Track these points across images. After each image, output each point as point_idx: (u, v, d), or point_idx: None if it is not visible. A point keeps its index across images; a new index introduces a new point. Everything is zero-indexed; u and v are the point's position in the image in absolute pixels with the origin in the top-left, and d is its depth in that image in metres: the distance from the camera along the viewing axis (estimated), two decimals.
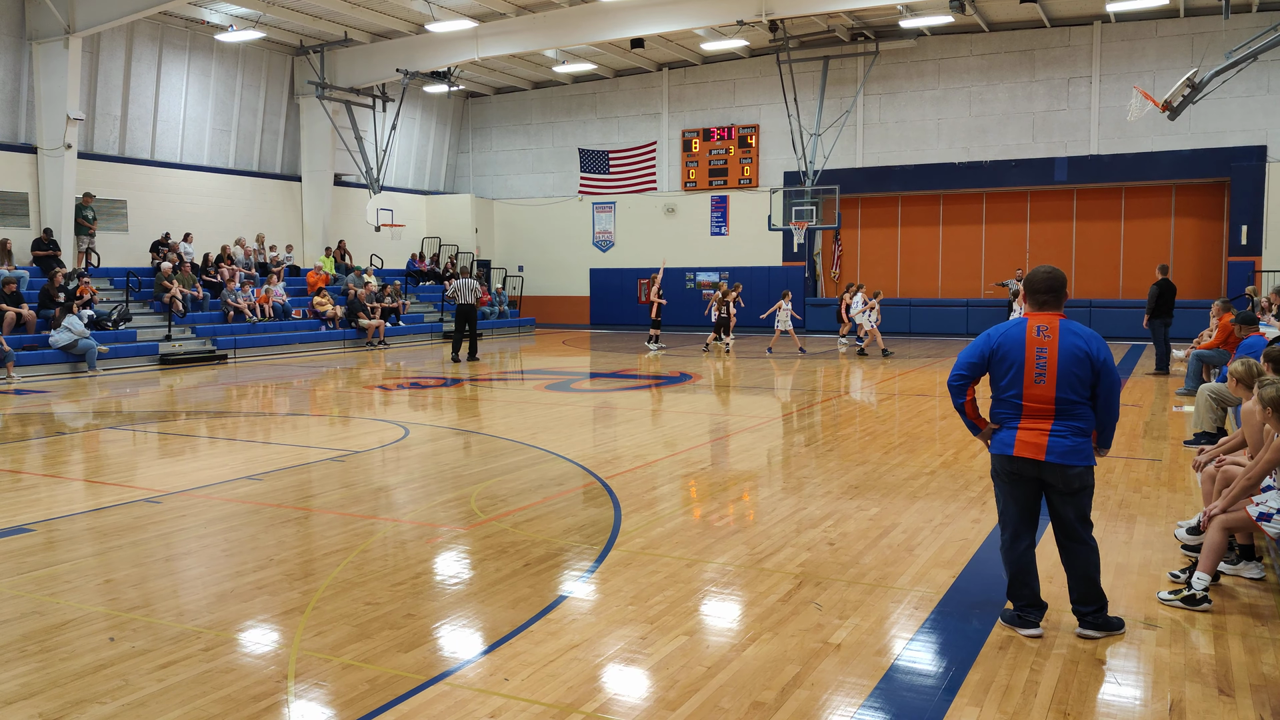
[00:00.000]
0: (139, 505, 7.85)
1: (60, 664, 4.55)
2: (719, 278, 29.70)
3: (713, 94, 29.93)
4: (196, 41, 24.77)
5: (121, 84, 23.41)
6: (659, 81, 30.59)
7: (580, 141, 31.96)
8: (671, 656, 4.65)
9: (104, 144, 23.23)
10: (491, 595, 5.53)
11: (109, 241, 22.96)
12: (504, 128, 33.53)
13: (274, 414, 13.61)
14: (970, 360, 4.99)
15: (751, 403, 14.39)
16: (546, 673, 4.45)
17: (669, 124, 30.58)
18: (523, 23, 24.54)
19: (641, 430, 11.52)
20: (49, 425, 12.66)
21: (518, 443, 10.55)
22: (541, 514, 7.46)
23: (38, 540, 6.80)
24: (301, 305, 24.81)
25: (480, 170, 34.14)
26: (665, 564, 6.09)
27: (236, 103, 26.27)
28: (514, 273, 33.13)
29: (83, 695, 4.21)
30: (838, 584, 5.70)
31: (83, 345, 18.37)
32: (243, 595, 5.58)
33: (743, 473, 9.21)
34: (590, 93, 31.72)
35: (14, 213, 21.27)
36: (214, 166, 25.92)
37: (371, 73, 26.87)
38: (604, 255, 31.85)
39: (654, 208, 30.91)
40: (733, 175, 29.69)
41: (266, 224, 27.00)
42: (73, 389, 16.27)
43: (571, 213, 32.24)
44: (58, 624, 5.10)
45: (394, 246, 29.62)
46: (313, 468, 9.42)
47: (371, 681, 4.36)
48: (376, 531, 7.00)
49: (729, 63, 29.46)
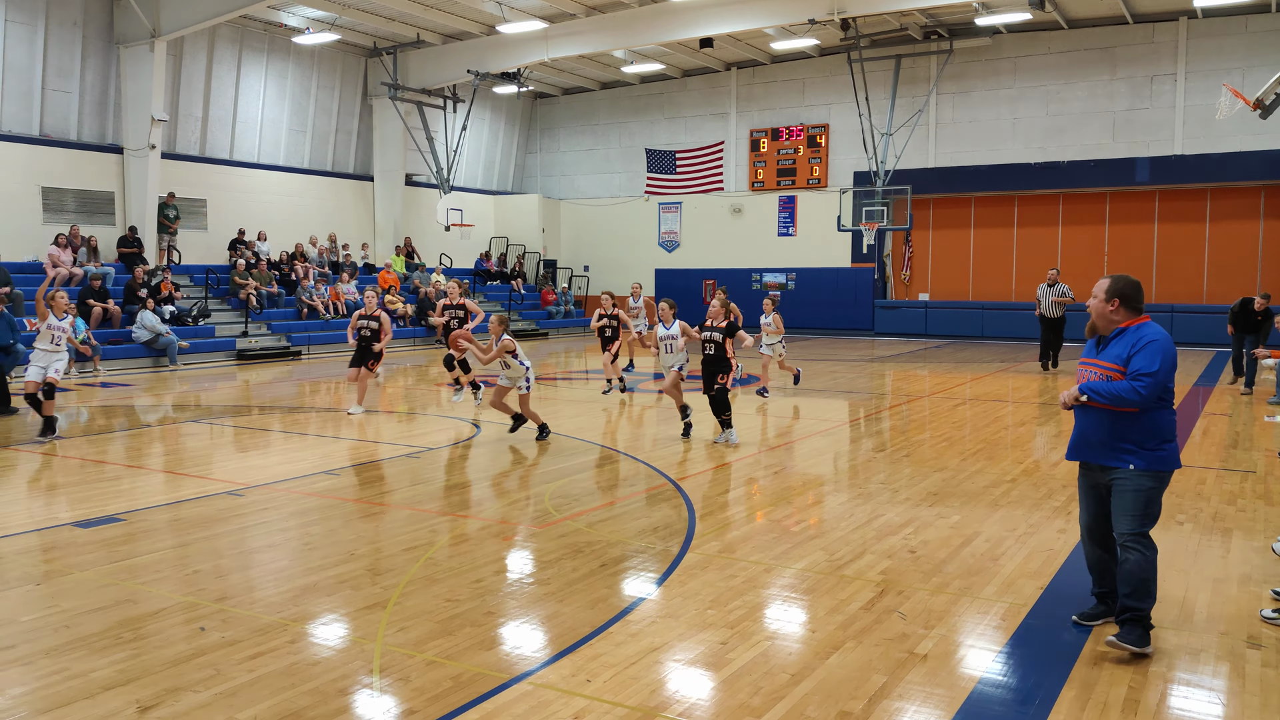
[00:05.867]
0: (221, 498, 8.02)
1: (154, 652, 4.65)
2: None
3: (782, 93, 29.69)
4: (274, 44, 25.32)
5: (203, 86, 24.02)
6: (727, 81, 30.45)
7: (647, 141, 31.96)
8: (754, 662, 4.58)
9: (186, 144, 23.85)
10: (569, 595, 5.52)
11: (189, 239, 23.57)
12: (571, 128, 33.68)
13: (347, 409, 13.81)
14: (1172, 371, 4.76)
15: (821, 406, 14.22)
16: (628, 675, 4.42)
17: (737, 123, 30.42)
18: (592, 23, 24.62)
19: (711, 432, 11.43)
20: (133, 418, 13.02)
21: (588, 442, 10.55)
22: (615, 514, 7.44)
23: (127, 530, 6.97)
24: None
25: (547, 170, 34.35)
26: (743, 568, 6.02)
27: (312, 104, 26.79)
28: (579, 273, 33.25)
29: (177, 683, 4.29)
30: (921, 593, 5.57)
31: (164, 340, 18.88)
32: (325, 589, 5.65)
33: (815, 477, 9.09)
34: (658, 93, 31.70)
35: (101, 211, 21.95)
36: (289, 166, 26.47)
37: (443, 74, 27.19)
38: (669, 255, 31.81)
39: (720, 208, 30.77)
40: (801, 175, 29.42)
41: (339, 223, 27.48)
42: (154, 383, 16.72)
43: (637, 213, 32.25)
44: (150, 612, 5.21)
45: (462, 246, 29.94)
46: (387, 464, 9.52)
47: (455, 679, 4.37)
48: (452, 528, 7.05)
49: (798, 62, 29.20)
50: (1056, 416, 12.60)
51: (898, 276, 28.90)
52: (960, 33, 25.90)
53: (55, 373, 10.59)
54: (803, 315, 29.10)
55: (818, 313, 29.02)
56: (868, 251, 27.79)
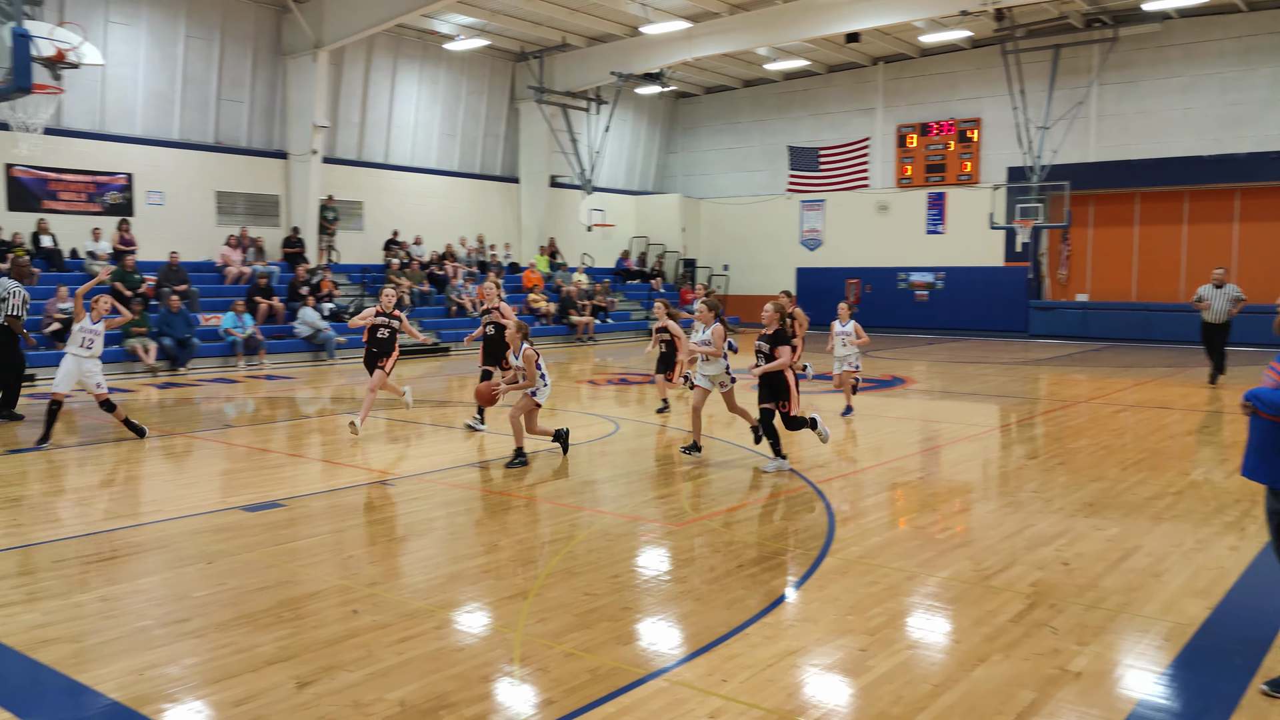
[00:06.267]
0: (374, 487, 8.38)
1: (311, 631, 4.90)
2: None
3: (931, 87, 28.83)
4: (427, 52, 26.28)
5: (360, 93, 25.17)
6: (873, 76, 29.80)
7: (790, 139, 31.60)
8: (894, 671, 4.46)
9: (344, 149, 25.05)
10: (706, 594, 5.51)
11: (347, 240, 24.73)
12: (713, 127, 33.65)
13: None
14: None
15: (970, 410, 13.74)
16: (765, 677, 4.38)
17: (883, 119, 29.72)
18: (736, 21, 24.53)
19: (851, 435, 11.22)
20: (294, 409, 13.76)
21: (726, 442, 10.51)
22: (753, 515, 7.39)
23: (288, 515, 7.37)
24: (517, 302, 25.84)
25: (688, 170, 34.42)
26: (884, 575, 5.88)
27: (462, 108, 27.68)
28: (719, 272, 33.19)
29: (332, 662, 4.50)
30: (1075, 607, 5.31)
31: (322, 336, 19.89)
32: (470, 578, 5.82)
33: (961, 484, 8.78)
34: (801, 89, 31.30)
35: (267, 213, 23.31)
36: (440, 169, 27.43)
37: (587, 76, 27.63)
38: (811, 254, 31.38)
39: (865, 205, 30.13)
40: (951, 171, 28.51)
41: (486, 224, 28.31)
42: (314, 376, 17.63)
43: (779, 211, 31.94)
44: (308, 594, 5.49)
45: (604, 246, 30.35)
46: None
47: (592, 671, 4.42)
48: (591, 523, 7.15)
49: (949, 55, 28.29)
50: (1235, 423, 11.79)
51: (1054, 276, 27.61)
52: (1126, 19, 24.52)
53: (99, 387, 10.15)
54: (952, 316, 28.22)
55: (968, 313, 28.08)
56: (1022, 250, 26.68)
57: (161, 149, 21.34)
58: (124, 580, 5.77)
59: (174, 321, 17.65)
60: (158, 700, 4.13)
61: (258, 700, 4.11)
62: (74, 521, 7.12)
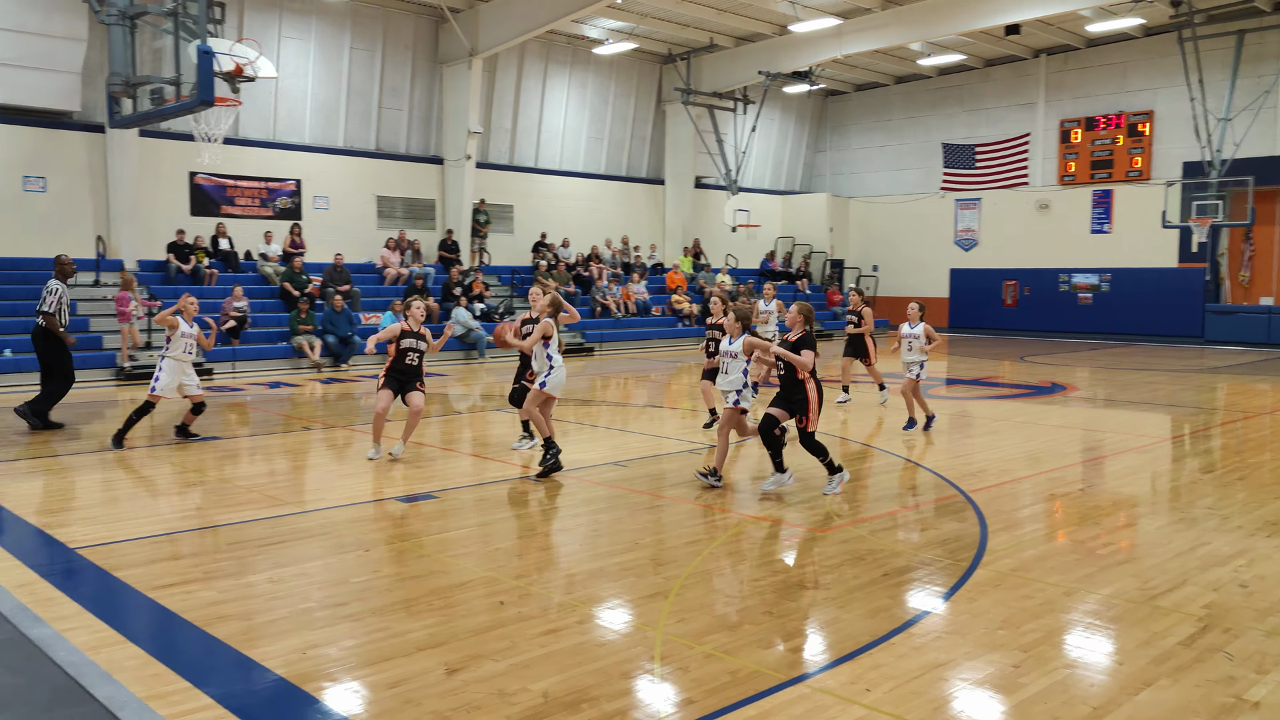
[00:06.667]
0: (520, 482, 8.58)
1: (460, 620, 5.05)
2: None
3: (1098, 79, 27.38)
4: (576, 56, 26.77)
5: (513, 99, 25.86)
6: (1035, 69, 28.53)
7: (944, 136, 30.63)
8: (1050, 690, 4.25)
9: (497, 154, 25.79)
10: (849, 601, 5.39)
11: (498, 242, 25.47)
12: (863, 124, 32.97)
13: (634, 404, 14.34)
14: None
15: (1138, 420, 12.97)
16: (910, 689, 4.25)
17: (1045, 114, 28.42)
18: (888, 16, 23.95)
19: (1007, 443, 10.77)
20: (446, 405, 14.25)
21: (872, 447, 10.27)
22: (900, 523, 7.19)
23: (440, 507, 7.63)
24: (661, 302, 26.02)
25: (837, 168, 33.84)
26: (1039, 589, 5.61)
27: (609, 112, 28.07)
28: (868, 272, 32.49)
29: (478, 651, 4.63)
30: (1253, 633, 4.93)
31: (474, 335, 20.53)
32: (611, 575, 5.88)
33: (1127, 497, 8.30)
34: (957, 85, 30.30)
35: (424, 217, 24.26)
36: (587, 172, 27.89)
37: (734, 76, 27.54)
38: (966, 255, 30.31)
39: (1024, 204, 28.88)
40: (1119, 167, 26.99)
41: (631, 225, 28.61)
42: (465, 374, 18.22)
43: (931, 210, 31.00)
44: (457, 583, 5.68)
45: (748, 246, 30.18)
46: (670, 458, 9.77)
47: (732, 674, 4.39)
48: (732, 525, 7.11)
49: (1118, 44, 26.80)
50: None
51: (1234, 278, 25.75)
52: None
53: (196, 388, 10.22)
54: (1118, 320, 26.75)
55: (1135, 317, 26.54)
56: (1198, 250, 24.96)
57: (327, 156, 22.52)
58: (289, 564, 6.10)
59: (337, 320, 18.59)
60: (318, 679, 4.34)
61: (409, 684, 4.27)
62: (245, 507, 7.59)
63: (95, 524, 7.05)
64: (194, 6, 11.39)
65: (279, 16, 21.29)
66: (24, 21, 17.51)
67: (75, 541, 6.51)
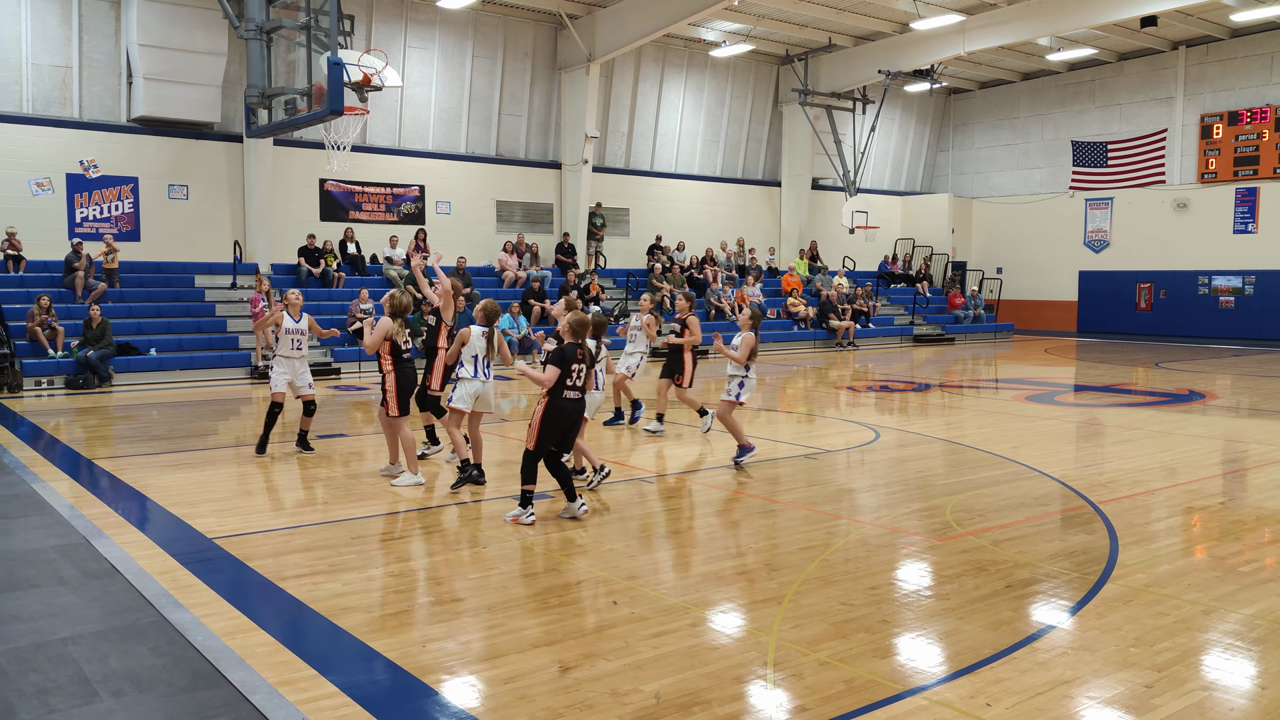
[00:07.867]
0: (637, 484, 8.63)
1: (574, 619, 5.12)
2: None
3: (1243, 71, 25.88)
4: (692, 59, 26.80)
5: (629, 103, 26.07)
6: (1173, 62, 27.17)
7: (1074, 133, 29.45)
8: (1185, 713, 4.03)
9: (613, 158, 26.04)
10: (970, 613, 5.23)
11: (613, 245, 25.70)
12: (987, 123, 31.99)
13: (748, 409, 14.23)
14: None
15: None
16: (1033, 705, 4.09)
17: (1184, 108, 27.03)
18: (1015, 11, 23.17)
19: (1140, 453, 10.28)
20: None
21: (995, 455, 9.95)
22: (1024, 534, 6.94)
23: (552, 507, 7.73)
24: (776, 305, 25.79)
25: (959, 168, 32.93)
26: (1175, 606, 5.33)
27: (725, 114, 27.99)
28: (991, 275, 31.49)
29: (592, 650, 4.68)
30: None
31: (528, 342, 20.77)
32: (724, 578, 5.86)
33: (1272, 512, 7.80)
34: (1088, 80, 29.09)
35: (541, 221, 24.68)
36: (703, 175, 27.88)
37: (853, 76, 27.09)
38: (1096, 256, 29.06)
39: (1160, 203, 27.52)
40: (1266, 164, 25.44)
41: (747, 228, 28.46)
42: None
43: (1060, 210, 29.83)
44: (571, 582, 5.75)
45: (867, 248, 29.64)
46: (785, 463, 9.68)
47: (848, 682, 4.32)
48: (848, 532, 6.98)
49: (1266, 34, 25.28)
50: None
51: None
52: None
53: (308, 388, 10.02)
54: (1263, 325, 25.23)
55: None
56: None
57: (449, 162, 23.14)
58: (410, 558, 6.28)
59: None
60: (437, 671, 4.46)
61: (524, 680, 4.34)
62: (369, 502, 7.85)
63: (230, 515, 7.41)
64: (326, 20, 11.88)
65: (404, 27, 22.00)
66: (169, 38, 18.56)
67: (212, 531, 6.86)
